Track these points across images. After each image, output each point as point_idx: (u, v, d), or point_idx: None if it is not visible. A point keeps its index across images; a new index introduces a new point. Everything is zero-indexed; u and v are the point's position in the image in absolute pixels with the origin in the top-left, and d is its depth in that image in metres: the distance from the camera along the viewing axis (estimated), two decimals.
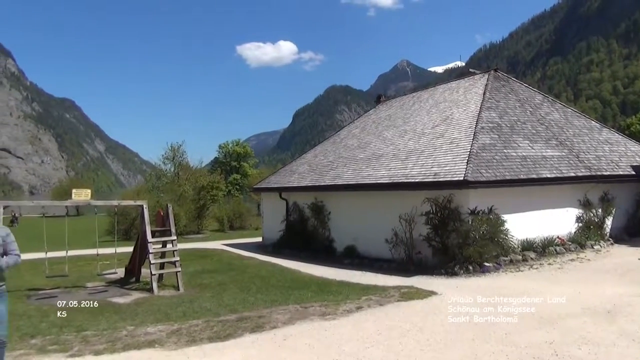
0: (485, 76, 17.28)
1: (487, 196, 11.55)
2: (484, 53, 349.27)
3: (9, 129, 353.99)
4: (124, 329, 7.16)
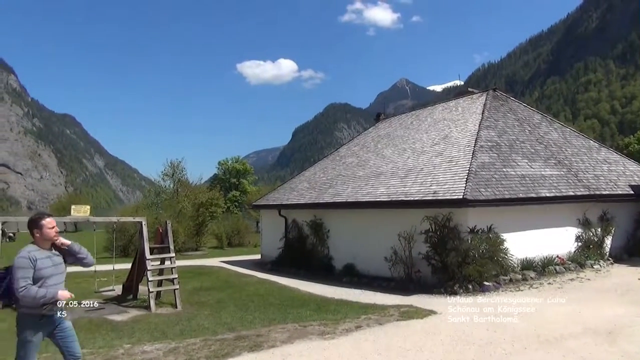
0: (484, 95, 17.42)
1: (486, 215, 11.55)
2: (483, 72, 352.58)
3: (9, 145, 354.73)
4: (121, 347, 7.09)
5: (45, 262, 4.36)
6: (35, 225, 4.43)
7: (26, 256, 4.28)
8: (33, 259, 4.28)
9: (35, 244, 4.44)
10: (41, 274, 4.31)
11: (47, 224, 4.46)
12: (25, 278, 4.19)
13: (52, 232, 4.48)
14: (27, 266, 4.23)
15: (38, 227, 4.42)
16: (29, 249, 4.35)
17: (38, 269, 4.29)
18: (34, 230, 4.44)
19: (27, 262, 4.25)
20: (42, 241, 4.45)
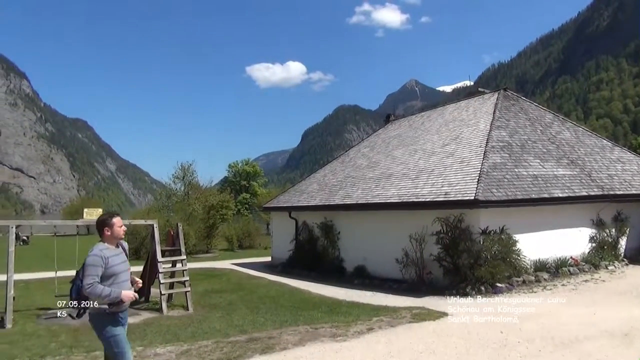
0: (495, 95, 17.30)
1: (498, 216, 11.45)
2: (492, 72, 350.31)
3: (22, 149, 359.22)
4: (133, 349, 7.08)
5: (116, 259, 4.49)
6: (106, 224, 4.59)
7: (98, 254, 4.40)
8: (105, 257, 4.39)
9: (105, 242, 4.57)
10: (114, 271, 4.44)
11: (117, 222, 4.64)
12: (94, 276, 4.30)
13: (122, 231, 4.67)
14: (97, 264, 4.34)
15: (109, 225, 4.58)
16: (100, 247, 4.48)
17: (110, 266, 4.41)
18: (104, 228, 4.59)
19: (99, 260, 4.36)
20: (111, 239, 4.61)
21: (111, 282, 4.40)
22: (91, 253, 4.40)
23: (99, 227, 4.63)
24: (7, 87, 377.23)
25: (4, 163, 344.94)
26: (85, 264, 4.37)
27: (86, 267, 4.34)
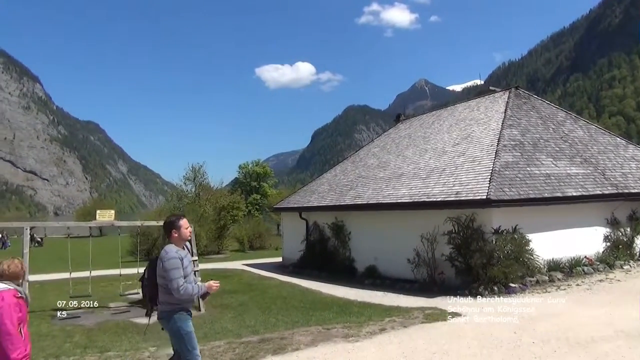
0: (506, 94, 17.15)
1: (510, 215, 11.35)
2: (503, 71, 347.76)
3: (36, 152, 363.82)
4: (147, 350, 7.16)
5: (186, 261, 4.57)
6: (174, 226, 4.64)
7: (177, 256, 4.46)
8: (181, 258, 4.48)
9: (173, 243, 4.62)
10: (186, 272, 4.52)
11: (184, 224, 4.70)
12: (181, 277, 4.38)
13: (188, 232, 4.75)
14: (178, 265, 4.42)
15: (176, 227, 4.64)
16: (175, 249, 4.54)
17: (184, 267, 4.49)
18: (172, 230, 4.64)
19: (178, 262, 4.44)
20: (179, 241, 4.66)
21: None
22: (168, 256, 4.43)
23: (167, 228, 4.68)
24: (20, 91, 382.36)
25: (17, 166, 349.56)
26: (165, 267, 4.39)
27: (170, 270, 4.36)
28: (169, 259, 4.41)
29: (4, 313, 3.57)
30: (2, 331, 3.53)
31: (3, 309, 3.58)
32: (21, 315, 3.71)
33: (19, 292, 3.79)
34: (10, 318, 3.57)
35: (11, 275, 3.81)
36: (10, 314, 3.59)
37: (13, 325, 3.56)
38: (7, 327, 3.53)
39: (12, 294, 3.69)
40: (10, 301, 3.65)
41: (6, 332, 3.52)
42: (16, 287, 3.79)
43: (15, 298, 3.70)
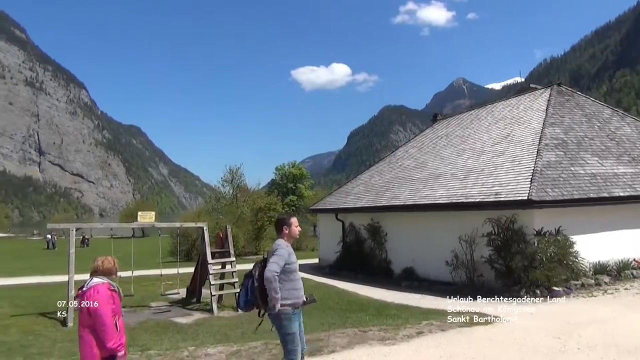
0: (548, 91, 16.62)
1: (553, 216, 10.98)
2: (544, 68, 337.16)
3: (82, 156, 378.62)
4: (186, 349, 7.29)
5: (293, 258, 4.71)
6: (286, 223, 4.82)
7: (287, 249, 4.66)
8: (289, 253, 4.65)
9: (283, 239, 4.78)
10: (293, 267, 4.70)
11: (294, 222, 4.88)
12: (279, 266, 4.48)
13: (297, 230, 4.91)
14: (285, 257, 4.56)
15: (287, 224, 4.82)
16: (285, 244, 4.72)
17: (292, 262, 4.65)
18: (283, 227, 4.81)
19: (286, 255, 4.60)
20: (289, 238, 4.83)
21: (290, 278, 4.65)
22: (280, 247, 4.62)
23: (279, 225, 4.85)
24: (68, 97, 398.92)
25: (65, 169, 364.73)
26: (275, 253, 4.56)
27: (275, 255, 4.53)
28: (279, 248, 4.60)
29: (100, 305, 3.74)
30: (98, 322, 3.71)
31: (98, 301, 3.76)
32: (115, 307, 3.89)
33: (112, 285, 3.98)
34: (105, 310, 3.75)
35: (105, 271, 4.03)
36: (105, 306, 3.77)
37: (107, 316, 3.74)
38: (102, 319, 3.71)
39: (106, 287, 3.88)
40: (105, 294, 3.83)
41: (102, 323, 3.69)
42: (109, 281, 3.98)
43: (109, 291, 3.89)
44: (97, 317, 3.71)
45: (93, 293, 3.81)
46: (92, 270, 4.06)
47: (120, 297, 4.07)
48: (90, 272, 4.06)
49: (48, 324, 9.56)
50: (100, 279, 3.95)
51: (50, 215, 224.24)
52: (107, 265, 4.06)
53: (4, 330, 9.02)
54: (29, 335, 8.54)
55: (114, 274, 4.11)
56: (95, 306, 3.73)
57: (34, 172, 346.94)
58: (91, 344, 3.75)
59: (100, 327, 3.70)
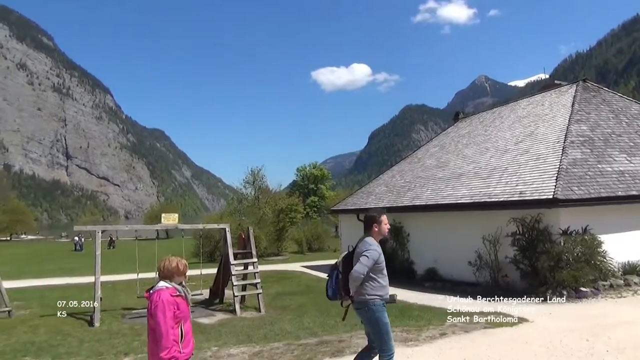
0: (573, 87, 16.27)
1: (580, 215, 10.73)
2: (570, 63, 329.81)
3: (108, 159, 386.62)
4: (209, 349, 7.36)
5: (383, 256, 4.66)
6: (375, 220, 4.75)
7: (378, 250, 4.61)
8: (379, 253, 4.61)
9: (372, 237, 4.72)
10: (382, 266, 4.66)
11: (384, 220, 4.79)
12: (367, 267, 4.47)
13: (386, 228, 4.81)
14: (375, 259, 4.53)
15: (377, 222, 4.75)
16: (375, 243, 4.67)
17: (380, 262, 4.61)
18: (373, 224, 4.75)
19: (377, 256, 4.57)
20: (378, 235, 4.76)
21: (379, 276, 4.61)
22: (371, 247, 4.56)
23: (369, 222, 4.78)
24: (93, 102, 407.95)
25: (92, 172, 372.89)
26: (366, 255, 4.50)
27: (364, 256, 4.49)
28: (369, 250, 4.53)
29: (158, 311, 3.57)
30: (157, 329, 3.56)
31: (158, 307, 3.59)
32: (179, 313, 3.67)
33: (178, 290, 3.75)
34: (164, 317, 3.55)
35: (167, 274, 3.80)
36: (164, 312, 3.57)
37: (166, 325, 3.54)
38: (160, 327, 3.55)
39: (169, 293, 3.68)
40: (166, 299, 3.63)
41: (159, 331, 3.55)
42: (174, 286, 3.76)
43: (171, 297, 3.67)
44: (156, 325, 3.57)
45: (155, 298, 3.65)
46: (158, 272, 3.88)
47: (188, 302, 3.84)
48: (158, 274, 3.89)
49: (76, 324, 9.77)
50: (165, 282, 3.75)
51: (77, 217, 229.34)
52: (168, 267, 3.82)
53: (33, 330, 9.25)
54: (57, 335, 8.74)
55: (179, 277, 3.83)
56: (155, 312, 3.58)
57: (61, 175, 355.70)
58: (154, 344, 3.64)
59: (158, 334, 3.56)
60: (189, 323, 3.80)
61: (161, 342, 3.53)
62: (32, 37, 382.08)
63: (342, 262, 4.76)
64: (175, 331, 3.62)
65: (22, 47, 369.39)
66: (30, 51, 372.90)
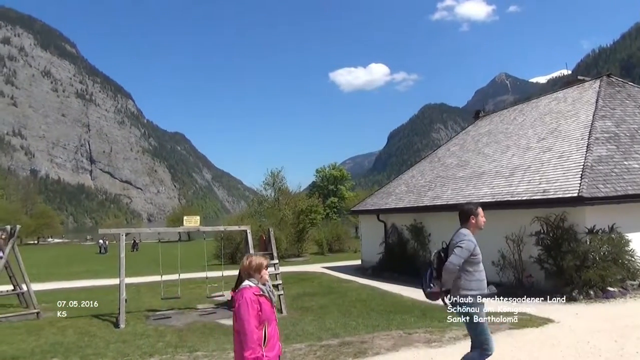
0: (597, 82, 15.92)
1: (606, 213, 10.49)
2: (593, 58, 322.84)
3: (130, 163, 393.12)
4: (232, 351, 7.38)
5: (478, 248, 4.63)
6: (473, 213, 4.74)
7: (473, 241, 4.58)
8: (475, 245, 4.58)
9: (468, 229, 4.71)
10: (478, 259, 4.61)
11: (481, 212, 4.79)
12: (462, 258, 4.46)
13: (483, 220, 4.81)
14: (470, 249, 4.51)
15: (475, 214, 4.74)
16: (470, 234, 4.64)
17: (476, 253, 4.59)
18: (470, 217, 4.75)
19: (472, 247, 4.54)
20: (474, 228, 4.76)
21: (475, 269, 4.58)
22: (465, 238, 4.54)
23: (466, 214, 4.76)
24: (116, 107, 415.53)
25: (115, 176, 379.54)
26: (460, 245, 4.49)
27: (458, 247, 4.48)
28: (463, 240, 4.50)
29: (241, 311, 3.49)
30: (240, 329, 3.49)
31: (241, 307, 3.50)
32: (262, 314, 3.55)
33: (261, 290, 3.65)
34: (247, 316, 3.46)
35: (249, 272, 3.73)
36: (247, 312, 3.47)
37: (248, 323, 3.44)
38: (243, 327, 3.46)
39: (252, 292, 3.59)
40: (249, 299, 3.53)
41: (242, 331, 3.46)
42: (258, 285, 3.66)
43: (254, 296, 3.57)
44: (240, 324, 3.48)
45: (238, 297, 3.58)
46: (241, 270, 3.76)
47: (272, 303, 3.70)
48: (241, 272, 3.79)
49: (102, 326, 9.95)
50: (249, 281, 3.67)
51: (101, 221, 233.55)
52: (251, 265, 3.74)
53: (61, 331, 9.45)
54: (84, 336, 8.91)
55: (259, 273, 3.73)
56: (238, 312, 3.51)
57: (86, 180, 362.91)
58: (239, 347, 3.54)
59: (241, 334, 3.47)
60: (274, 325, 3.67)
61: (244, 342, 3.44)
62: (56, 45, 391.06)
63: (436, 257, 4.68)
64: (260, 332, 3.51)
65: (47, 55, 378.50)
66: (54, 59, 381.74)
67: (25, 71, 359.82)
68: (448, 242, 4.72)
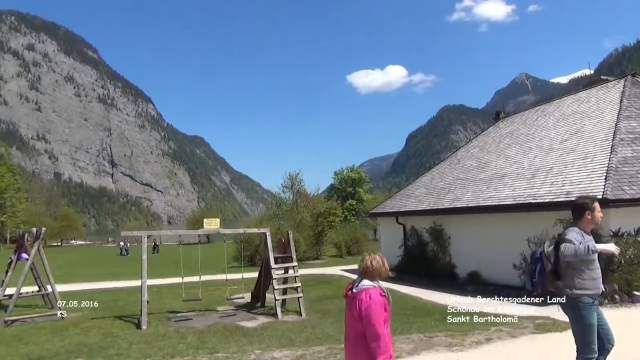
0: (621, 82, 15.61)
1: (632, 216, 10.27)
2: (616, 58, 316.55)
3: (151, 166, 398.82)
4: (252, 352, 7.44)
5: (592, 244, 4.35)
6: (589, 208, 4.47)
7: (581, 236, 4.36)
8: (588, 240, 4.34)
9: (579, 226, 4.49)
10: (593, 257, 4.40)
11: (598, 207, 4.51)
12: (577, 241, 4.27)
13: (600, 216, 4.54)
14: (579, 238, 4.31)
15: (591, 209, 4.47)
16: (580, 232, 4.42)
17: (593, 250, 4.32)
18: (585, 212, 4.47)
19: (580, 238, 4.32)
20: (589, 224, 4.51)
21: (590, 267, 4.38)
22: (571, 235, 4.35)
23: (581, 209, 4.50)
24: (136, 112, 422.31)
25: (135, 179, 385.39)
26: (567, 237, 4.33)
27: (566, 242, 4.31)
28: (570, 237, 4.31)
29: (372, 312, 3.32)
30: (369, 332, 3.30)
31: (371, 308, 3.33)
32: (386, 315, 3.43)
33: (384, 290, 3.52)
34: (378, 318, 3.31)
35: (374, 272, 3.57)
36: (378, 314, 3.33)
37: (380, 325, 3.30)
38: (375, 328, 3.29)
39: (378, 292, 3.45)
40: (378, 299, 3.39)
41: (374, 333, 3.28)
42: (380, 285, 3.54)
43: (381, 297, 3.44)
44: (370, 327, 3.29)
45: (365, 297, 3.39)
46: (361, 270, 3.62)
47: (390, 304, 3.55)
48: (359, 272, 3.64)
49: (124, 327, 10.09)
50: (371, 281, 3.51)
51: (123, 223, 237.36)
52: (375, 265, 3.58)
53: (85, 332, 9.61)
54: (107, 337, 9.04)
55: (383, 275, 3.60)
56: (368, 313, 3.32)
57: (107, 183, 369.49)
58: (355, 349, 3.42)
59: (371, 336, 3.28)
60: (389, 326, 3.51)
61: (377, 345, 3.27)
62: (79, 51, 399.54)
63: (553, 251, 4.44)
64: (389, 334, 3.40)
65: (69, 61, 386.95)
66: (77, 64, 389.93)
67: (49, 77, 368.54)
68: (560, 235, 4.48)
